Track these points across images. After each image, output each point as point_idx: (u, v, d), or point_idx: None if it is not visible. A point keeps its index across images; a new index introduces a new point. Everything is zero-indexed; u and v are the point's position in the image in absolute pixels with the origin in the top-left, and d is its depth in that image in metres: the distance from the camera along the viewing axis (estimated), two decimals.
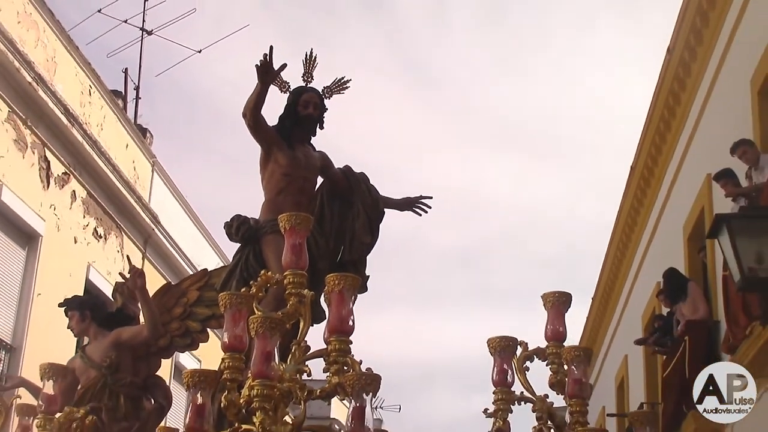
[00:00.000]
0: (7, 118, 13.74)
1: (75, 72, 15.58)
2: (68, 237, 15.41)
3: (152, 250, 18.07)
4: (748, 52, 10.87)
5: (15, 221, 14.10)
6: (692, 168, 13.36)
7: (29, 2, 14.25)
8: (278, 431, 4.44)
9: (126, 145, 17.39)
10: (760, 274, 7.73)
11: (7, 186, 13.69)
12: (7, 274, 14.09)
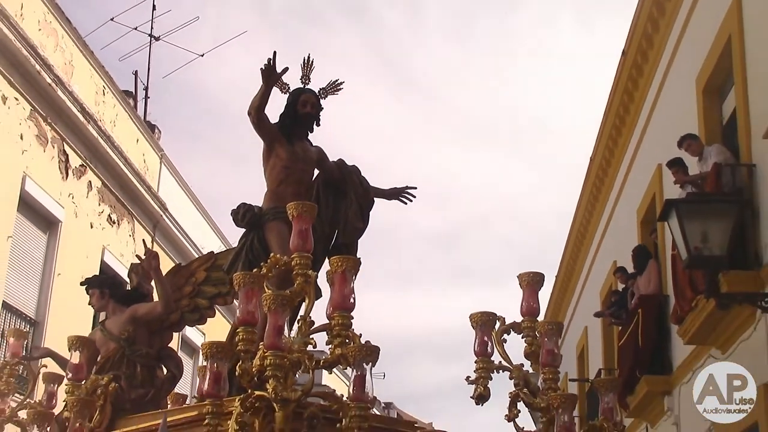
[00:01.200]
0: (29, 116, 13.72)
1: (90, 74, 15.56)
2: (85, 223, 15.42)
3: (161, 234, 18.09)
4: (693, 55, 10.91)
5: (37, 209, 14.11)
6: (644, 159, 13.40)
7: (49, 11, 14.24)
8: (289, 396, 4.43)
9: (136, 140, 17.38)
10: (704, 253, 7.75)
11: (30, 177, 13.70)
12: (31, 256, 14.11)
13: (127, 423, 6.15)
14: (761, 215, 8.64)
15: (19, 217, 13.65)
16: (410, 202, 6.79)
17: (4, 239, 13.17)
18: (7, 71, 13.08)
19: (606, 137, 15.64)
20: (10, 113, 13.28)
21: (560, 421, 4.86)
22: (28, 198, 13.77)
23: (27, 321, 13.81)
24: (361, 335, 4.73)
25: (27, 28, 13.36)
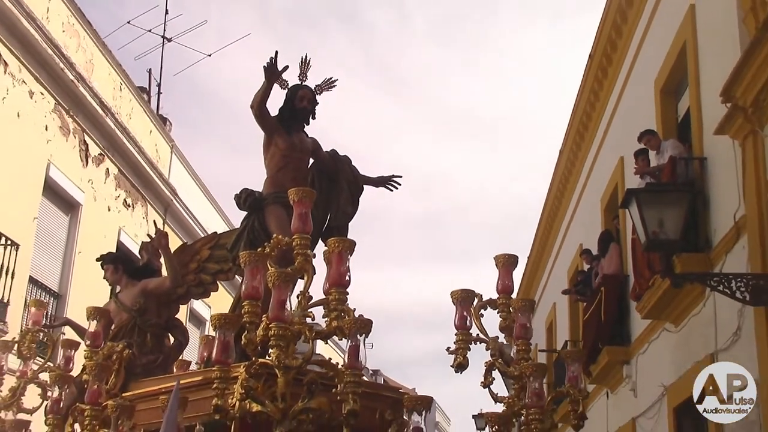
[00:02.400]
0: (53, 109, 13.72)
1: (108, 72, 15.54)
2: (103, 206, 15.44)
3: (171, 217, 18.10)
4: (652, 59, 10.93)
5: (60, 193, 14.14)
6: (608, 152, 13.41)
7: (72, 15, 14.24)
8: (291, 364, 4.44)
9: (150, 131, 17.37)
10: (661, 237, 7.77)
11: (54, 164, 13.72)
12: (54, 235, 14.14)
13: (139, 386, 6.15)
14: (711, 204, 8.68)
15: (44, 200, 13.67)
16: (396, 189, 6.78)
17: (30, 220, 13.17)
18: (34, 69, 13.08)
19: (574, 132, 15.66)
20: (36, 106, 13.28)
21: (531, 388, 4.89)
22: (52, 183, 13.78)
23: (51, 294, 13.84)
24: (355, 309, 4.74)
25: (52, 29, 13.35)
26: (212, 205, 20.26)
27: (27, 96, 13.06)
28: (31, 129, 13.12)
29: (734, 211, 7.90)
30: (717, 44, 8.59)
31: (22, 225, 12.83)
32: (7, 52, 12.49)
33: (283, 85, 6.45)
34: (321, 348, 24.00)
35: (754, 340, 7.32)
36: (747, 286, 7.13)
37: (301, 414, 4.34)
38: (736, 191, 7.85)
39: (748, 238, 7.53)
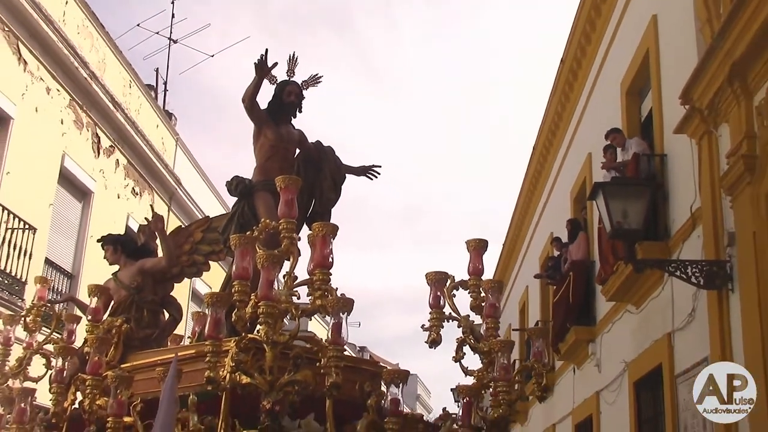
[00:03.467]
0: (68, 104, 13.69)
1: (119, 70, 15.50)
2: (113, 194, 15.43)
3: (176, 204, 18.10)
4: (618, 64, 10.92)
5: (74, 181, 14.13)
6: (578, 148, 13.42)
7: (86, 18, 14.21)
8: (278, 339, 4.41)
9: (156, 125, 17.33)
10: (624, 227, 7.76)
11: (68, 155, 13.71)
12: (68, 221, 14.15)
13: (136, 357, 6.12)
14: (670, 196, 8.68)
15: (59, 188, 13.66)
16: (376, 177, 6.74)
17: (47, 206, 13.15)
18: (51, 67, 13.05)
19: (546, 130, 15.67)
20: (52, 102, 13.24)
21: (499, 363, 4.87)
22: (67, 173, 13.76)
23: (65, 274, 13.82)
24: (338, 289, 4.71)
25: (68, 31, 13.31)
26: (213, 193, 20.22)
27: (44, 92, 13.02)
28: (47, 123, 13.08)
29: (691, 204, 7.91)
30: (677, 51, 8.58)
31: (39, 211, 12.82)
32: (26, 52, 12.45)
33: (272, 81, 6.40)
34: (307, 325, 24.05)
35: (707, 321, 7.35)
36: (701, 271, 7.15)
37: (288, 386, 4.30)
38: (693, 185, 7.86)
39: (703, 228, 7.54)
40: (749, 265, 6.49)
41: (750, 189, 6.53)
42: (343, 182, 6.62)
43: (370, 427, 4.39)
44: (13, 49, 12.20)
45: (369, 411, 4.42)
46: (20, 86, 12.40)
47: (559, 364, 13.50)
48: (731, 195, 6.90)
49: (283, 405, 4.26)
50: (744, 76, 6.67)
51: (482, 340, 4.97)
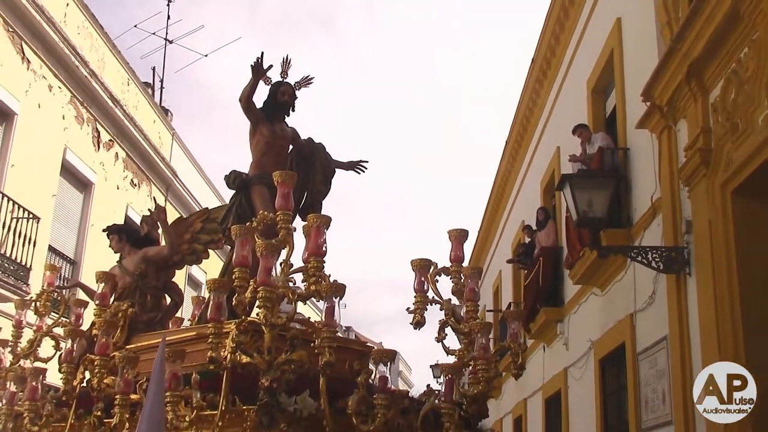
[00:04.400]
0: (69, 101, 13.61)
1: (117, 69, 15.41)
2: (113, 185, 15.36)
3: (172, 195, 18.02)
4: (585, 64, 10.95)
5: (75, 174, 14.07)
6: (547, 142, 13.46)
7: (86, 19, 14.13)
8: (276, 322, 4.42)
9: (153, 120, 17.25)
10: (590, 215, 7.80)
11: (70, 149, 13.65)
12: (70, 210, 14.09)
13: (140, 339, 6.15)
14: (632, 187, 8.72)
15: (62, 179, 13.59)
16: (363, 172, 6.75)
17: (50, 197, 13.09)
18: (53, 66, 12.98)
19: (518, 125, 15.69)
20: (54, 98, 13.17)
21: (479, 343, 4.92)
22: (68, 165, 13.69)
23: (67, 260, 13.76)
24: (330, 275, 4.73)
25: (69, 32, 13.23)
26: (207, 184, 20.17)
27: (47, 89, 12.94)
28: (50, 118, 13.01)
29: (651, 194, 7.96)
30: (639, 52, 8.62)
31: (43, 201, 12.76)
32: (29, 51, 12.37)
33: (267, 82, 6.39)
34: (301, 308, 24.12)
35: (666, 303, 7.41)
36: (661, 257, 7.21)
37: (284, 365, 4.33)
38: (653, 177, 7.90)
39: (663, 217, 7.59)
40: (705, 251, 6.56)
41: (706, 180, 6.60)
42: (333, 176, 6.62)
43: (361, 403, 4.43)
44: (17, 49, 12.13)
45: (359, 388, 4.47)
46: (24, 84, 12.33)
47: (530, 342, 13.56)
48: (688, 186, 6.96)
49: (281, 382, 4.29)
50: (700, 76, 6.73)
51: (463, 322, 5.00)
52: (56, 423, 5.57)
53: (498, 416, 17.88)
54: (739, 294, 6.06)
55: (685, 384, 6.84)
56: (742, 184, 6.14)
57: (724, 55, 6.34)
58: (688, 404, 6.78)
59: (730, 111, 6.22)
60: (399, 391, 5.20)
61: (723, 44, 6.30)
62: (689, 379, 6.83)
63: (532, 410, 14.22)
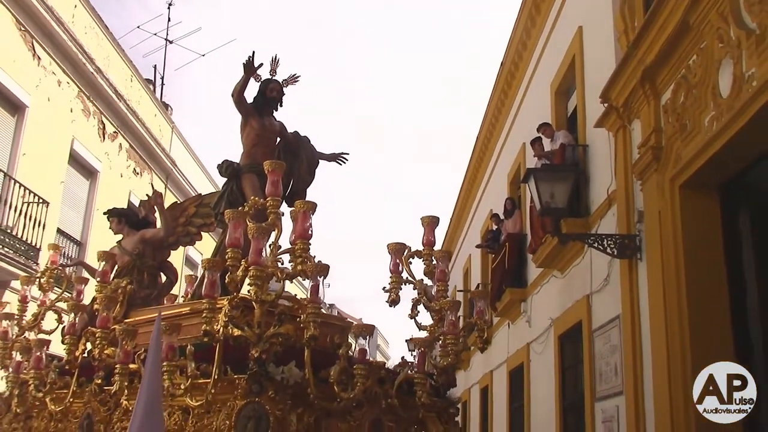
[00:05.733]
0: (77, 95, 13.48)
1: (122, 66, 15.26)
2: (117, 174, 15.23)
3: (172, 183, 17.90)
4: (549, 67, 10.96)
5: (82, 163, 13.96)
6: (514, 139, 13.47)
7: (93, 20, 13.99)
8: (266, 298, 4.40)
9: (155, 114, 17.10)
10: (552, 206, 7.82)
11: (77, 140, 13.52)
12: (78, 196, 13.98)
13: (137, 314, 6.10)
14: (591, 180, 8.73)
15: (69, 168, 13.47)
16: (344, 163, 6.70)
17: (58, 183, 12.98)
18: (62, 63, 12.83)
19: (488, 122, 15.70)
20: (63, 93, 13.03)
21: (448, 319, 4.92)
22: (76, 155, 13.57)
23: (74, 242, 13.66)
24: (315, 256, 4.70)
25: (77, 31, 13.07)
26: (204, 173, 20.04)
27: (56, 84, 12.80)
28: (58, 111, 12.88)
29: (608, 187, 7.97)
30: (598, 57, 8.63)
31: (52, 187, 12.65)
32: (40, 49, 12.23)
33: (257, 79, 6.32)
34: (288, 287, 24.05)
35: (619, 285, 7.45)
36: (615, 243, 7.23)
37: (273, 338, 4.31)
38: (610, 171, 7.91)
39: (617, 207, 7.61)
40: (654, 238, 6.59)
41: (657, 175, 6.63)
42: (317, 167, 6.57)
43: (342, 373, 4.43)
44: (29, 47, 11.98)
45: (341, 359, 4.46)
46: (34, 79, 12.19)
47: (496, 320, 13.63)
48: (641, 180, 6.98)
49: (269, 354, 4.27)
50: (653, 80, 6.75)
51: (434, 301, 4.99)
52: (59, 390, 5.53)
53: (466, 386, 17.96)
54: (684, 277, 6.08)
55: (635, 358, 6.89)
56: (689, 178, 6.16)
57: (675, 62, 6.35)
58: (637, 376, 6.83)
59: (680, 113, 6.24)
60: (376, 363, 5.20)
61: (674, 52, 6.32)
62: (639, 353, 6.88)
63: (498, 381, 14.28)
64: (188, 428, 4.49)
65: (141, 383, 3.50)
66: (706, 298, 5.98)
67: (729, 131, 5.39)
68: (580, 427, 8.61)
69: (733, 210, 6.12)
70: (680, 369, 5.94)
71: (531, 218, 10.34)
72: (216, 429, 4.31)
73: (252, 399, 4.24)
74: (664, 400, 6.13)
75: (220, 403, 4.39)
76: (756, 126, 5.14)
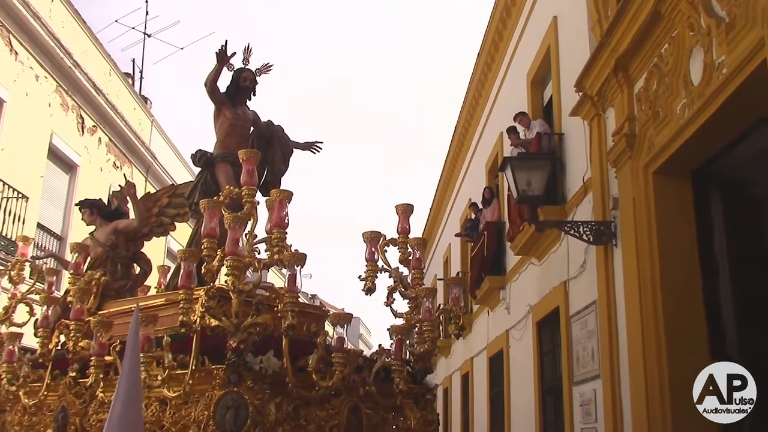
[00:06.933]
0: (55, 90, 13.33)
1: (100, 60, 15.11)
2: (96, 167, 15.09)
3: (152, 176, 17.75)
4: (525, 58, 10.97)
5: (62, 157, 13.81)
6: (491, 128, 13.47)
7: (70, 14, 13.84)
8: (243, 288, 4.33)
9: (134, 108, 16.94)
10: (529, 194, 7.82)
11: (56, 134, 13.38)
12: (57, 190, 13.83)
13: (111, 305, 6.00)
14: (566, 169, 8.77)
15: (49, 162, 13.32)
16: (318, 152, 6.64)
17: (37, 178, 12.82)
18: (39, 57, 12.67)
19: (466, 112, 15.71)
20: (41, 87, 12.87)
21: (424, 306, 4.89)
22: (55, 149, 13.41)
23: (54, 236, 13.50)
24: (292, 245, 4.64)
25: (54, 25, 12.90)
26: (184, 165, 19.88)
27: (33, 79, 12.63)
28: (37, 105, 12.72)
29: (583, 174, 7.99)
30: (572, 47, 8.64)
31: (32, 182, 12.50)
32: (17, 44, 12.06)
33: (230, 68, 6.24)
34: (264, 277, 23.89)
35: (595, 271, 7.47)
36: (591, 230, 7.26)
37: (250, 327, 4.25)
38: (585, 159, 7.93)
39: (593, 195, 7.63)
40: (629, 225, 6.61)
41: (630, 162, 6.64)
42: (290, 156, 6.49)
43: (320, 361, 4.38)
44: (5, 42, 11.81)
45: (318, 348, 4.42)
46: (12, 74, 12.02)
47: (476, 307, 13.68)
48: (616, 167, 7.00)
49: (247, 343, 4.22)
50: (627, 69, 6.76)
51: (410, 288, 4.96)
52: (33, 383, 5.45)
53: (447, 373, 18.01)
54: (659, 263, 6.12)
55: (612, 342, 6.92)
56: (662, 165, 6.19)
57: (648, 51, 6.36)
58: (613, 360, 6.87)
59: (652, 100, 6.25)
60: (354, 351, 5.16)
61: (646, 41, 6.33)
62: (615, 338, 6.91)
63: (478, 367, 14.33)
64: (166, 419, 4.43)
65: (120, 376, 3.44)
66: (679, 282, 6.02)
67: (700, 118, 5.40)
68: (559, 410, 8.66)
69: (705, 195, 6.15)
70: (655, 352, 5.97)
71: (509, 207, 10.35)
72: (194, 420, 4.25)
73: (230, 389, 4.19)
74: (640, 382, 6.17)
75: (198, 393, 4.33)
76: (726, 113, 5.16)
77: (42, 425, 5.32)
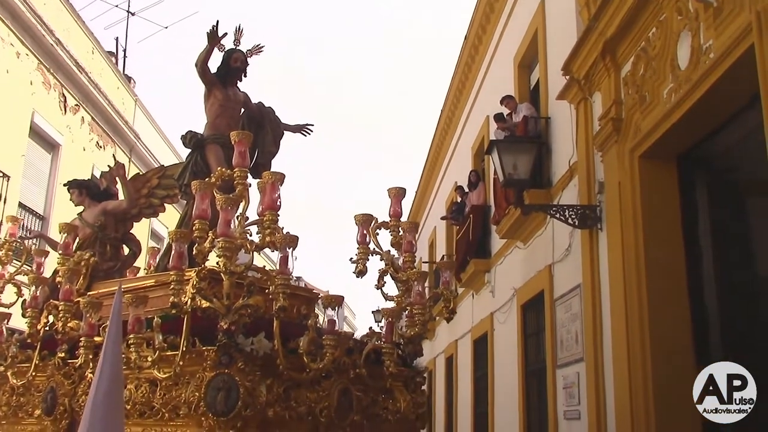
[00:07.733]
0: (36, 67, 13.17)
1: (82, 38, 14.94)
2: (79, 147, 14.97)
3: (135, 156, 17.63)
4: (512, 41, 10.97)
5: (44, 136, 13.68)
6: (478, 111, 13.50)
7: None
8: (235, 270, 4.33)
9: (117, 87, 16.78)
10: (515, 177, 7.84)
11: (38, 113, 13.23)
12: (39, 170, 13.72)
13: (100, 286, 5.98)
14: (552, 152, 8.79)
15: (30, 141, 13.18)
16: (309, 134, 6.61)
17: (19, 157, 12.70)
18: (20, 34, 12.50)
19: (452, 95, 15.70)
20: (22, 65, 12.71)
21: (415, 290, 4.92)
22: (37, 128, 13.27)
23: (37, 216, 13.41)
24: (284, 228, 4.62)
25: (35, 3, 12.72)
26: (168, 146, 19.75)
27: (14, 56, 12.47)
28: (18, 83, 12.56)
29: (569, 158, 8.02)
30: (560, 31, 8.64)
31: (13, 161, 12.38)
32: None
33: (221, 49, 6.20)
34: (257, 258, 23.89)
35: (580, 254, 7.53)
36: (576, 214, 7.30)
37: (242, 309, 4.26)
38: (571, 143, 7.96)
39: (578, 179, 7.67)
40: (614, 209, 6.65)
41: (617, 146, 6.69)
42: (281, 138, 6.47)
43: (311, 343, 4.41)
44: None
45: (309, 330, 4.45)
46: None
47: (461, 290, 13.74)
48: (602, 151, 7.04)
49: (238, 325, 4.24)
50: (614, 53, 6.79)
51: (401, 271, 4.99)
52: (21, 364, 5.44)
53: (432, 356, 18.12)
54: (643, 247, 6.17)
55: (596, 326, 7.00)
56: (648, 149, 6.23)
57: (635, 35, 6.39)
58: (597, 343, 6.95)
59: (639, 85, 6.29)
60: (345, 333, 5.20)
61: (634, 24, 6.35)
62: (599, 321, 6.99)
63: (462, 350, 14.43)
64: (156, 400, 4.45)
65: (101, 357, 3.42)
66: (663, 266, 6.08)
67: (687, 103, 5.45)
68: (542, 393, 8.75)
69: (690, 180, 6.21)
70: (638, 336, 6.04)
71: (495, 190, 10.36)
72: (185, 401, 4.27)
73: (221, 370, 4.21)
74: (623, 366, 6.25)
75: (188, 375, 4.34)
76: (713, 98, 5.21)
77: (30, 406, 5.32)
